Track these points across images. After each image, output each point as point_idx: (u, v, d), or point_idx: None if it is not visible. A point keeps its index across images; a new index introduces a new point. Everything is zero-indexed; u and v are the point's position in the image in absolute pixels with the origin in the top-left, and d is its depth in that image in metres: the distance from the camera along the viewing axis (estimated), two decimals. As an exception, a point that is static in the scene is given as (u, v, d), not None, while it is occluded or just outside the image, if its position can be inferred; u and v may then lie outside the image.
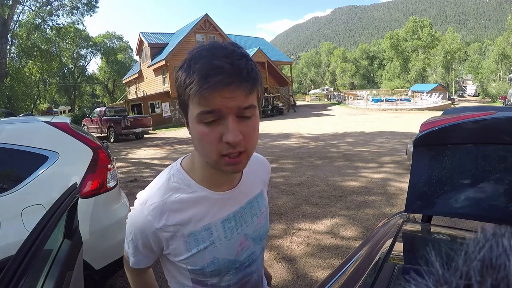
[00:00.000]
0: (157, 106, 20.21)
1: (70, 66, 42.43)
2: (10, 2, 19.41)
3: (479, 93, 47.09)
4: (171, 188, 0.65)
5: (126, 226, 0.67)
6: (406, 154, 5.62)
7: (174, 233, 0.64)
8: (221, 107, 0.53)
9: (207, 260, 0.66)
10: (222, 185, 0.68)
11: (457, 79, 55.40)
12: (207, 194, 0.66)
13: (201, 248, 0.65)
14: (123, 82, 34.35)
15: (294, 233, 3.26)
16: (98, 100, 48.86)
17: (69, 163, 1.97)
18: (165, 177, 0.67)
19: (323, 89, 53.14)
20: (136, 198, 0.68)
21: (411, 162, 1.25)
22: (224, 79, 0.51)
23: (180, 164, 0.69)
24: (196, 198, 0.66)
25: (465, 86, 57.83)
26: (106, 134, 14.40)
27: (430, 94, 26.32)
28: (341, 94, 35.07)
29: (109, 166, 2.13)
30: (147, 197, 0.65)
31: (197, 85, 0.52)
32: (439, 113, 1.41)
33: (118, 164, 7.57)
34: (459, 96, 46.08)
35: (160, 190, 0.65)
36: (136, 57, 27.80)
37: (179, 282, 0.71)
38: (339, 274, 0.83)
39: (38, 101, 33.17)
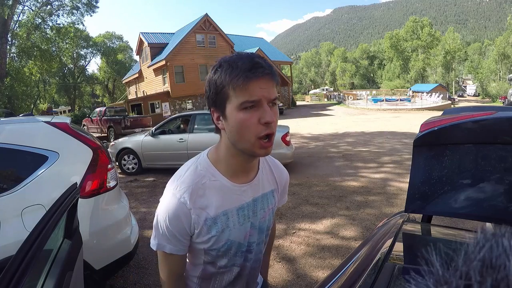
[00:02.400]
0: (157, 106, 20.18)
1: (70, 66, 42.38)
2: (10, 2, 19.40)
3: (479, 93, 47.08)
4: (198, 175, 0.74)
5: (158, 215, 0.74)
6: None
7: (198, 216, 0.72)
8: (260, 97, 0.67)
9: (223, 241, 0.76)
10: (241, 177, 0.78)
11: (457, 79, 55.37)
12: (228, 184, 0.76)
13: (219, 230, 0.75)
14: (123, 82, 34.33)
15: (294, 233, 3.26)
16: (98, 100, 48.78)
17: (69, 163, 1.97)
18: (193, 165, 0.77)
19: (323, 89, 53.07)
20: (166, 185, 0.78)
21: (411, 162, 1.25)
22: (265, 71, 0.67)
23: (207, 155, 0.79)
24: (219, 186, 0.75)
25: (465, 86, 57.81)
26: (106, 134, 14.39)
27: (430, 94, 26.30)
28: (341, 94, 35.01)
29: (109, 166, 2.13)
30: (178, 183, 0.74)
31: (244, 75, 0.65)
32: (439, 113, 1.41)
33: (118, 164, 7.55)
34: (459, 96, 46.05)
35: (189, 176, 0.74)
36: (136, 57, 27.77)
37: (191, 262, 0.81)
38: (339, 274, 0.83)
39: (38, 101, 33.17)
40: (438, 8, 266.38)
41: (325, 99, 38.60)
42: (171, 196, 0.73)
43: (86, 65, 44.81)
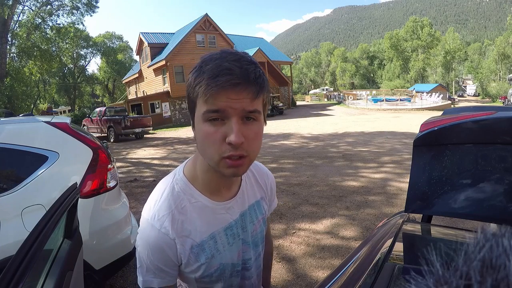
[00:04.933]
0: (157, 106, 20.20)
1: (70, 66, 42.42)
2: (10, 2, 19.41)
3: (479, 93, 47.12)
4: (176, 198, 0.66)
5: (138, 249, 0.65)
6: None
7: (183, 245, 0.64)
8: (226, 107, 0.55)
9: (214, 267, 0.68)
10: (223, 193, 0.70)
11: (457, 79, 55.37)
12: (209, 204, 0.68)
13: (209, 257, 0.67)
14: (123, 82, 34.33)
15: (294, 233, 3.26)
16: (98, 100, 48.81)
17: (69, 163, 1.97)
18: (168, 187, 0.68)
19: (323, 89, 53.06)
20: (140, 205, 0.67)
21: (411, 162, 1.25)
22: (232, 79, 0.54)
23: (183, 171, 0.70)
24: (200, 208, 0.67)
25: (465, 86, 57.87)
26: (106, 134, 14.39)
27: (430, 94, 26.30)
28: (341, 94, 35.00)
29: (109, 166, 2.13)
30: (155, 211, 0.65)
31: (206, 83, 0.55)
32: (439, 113, 1.41)
33: (118, 164, 7.56)
34: (459, 96, 46.13)
35: (166, 201, 0.65)
36: (136, 57, 27.77)
37: None
38: (339, 274, 0.83)
39: (38, 101, 33.18)
40: (438, 8, 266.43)
41: (325, 99, 38.59)
42: (150, 227, 0.63)
43: (86, 65, 44.89)
